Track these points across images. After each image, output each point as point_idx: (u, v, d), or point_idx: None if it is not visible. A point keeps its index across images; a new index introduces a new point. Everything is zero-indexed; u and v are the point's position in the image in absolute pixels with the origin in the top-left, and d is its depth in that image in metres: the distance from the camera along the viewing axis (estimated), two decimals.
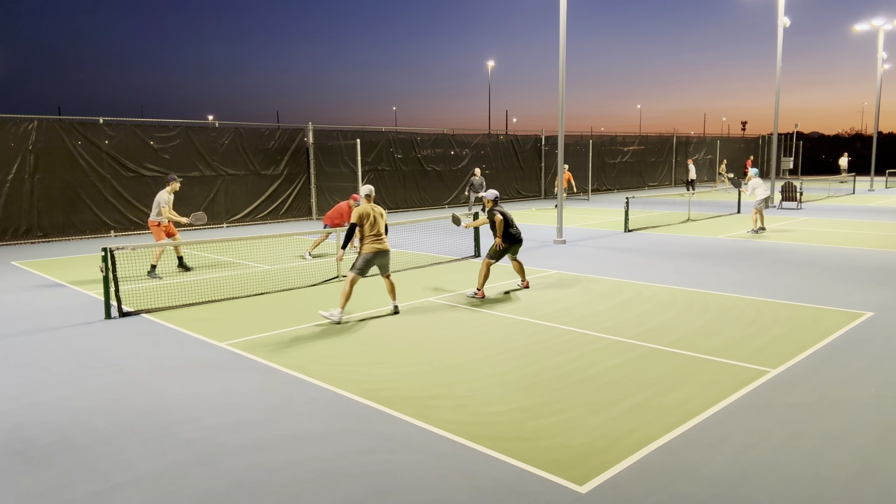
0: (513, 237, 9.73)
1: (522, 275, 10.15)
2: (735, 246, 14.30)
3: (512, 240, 9.73)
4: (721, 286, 10.01)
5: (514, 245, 9.81)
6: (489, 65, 59.00)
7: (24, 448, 4.82)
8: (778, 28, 24.15)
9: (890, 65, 43.50)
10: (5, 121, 16.04)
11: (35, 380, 6.28)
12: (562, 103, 15.34)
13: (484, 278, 9.56)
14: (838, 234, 16.11)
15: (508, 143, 28.63)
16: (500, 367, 6.42)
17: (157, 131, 18.54)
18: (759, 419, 5.12)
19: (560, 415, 5.24)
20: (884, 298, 9.10)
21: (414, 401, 5.58)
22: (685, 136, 39.33)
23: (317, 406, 5.51)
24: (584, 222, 19.67)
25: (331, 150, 22.02)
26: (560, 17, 14.92)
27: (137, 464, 4.55)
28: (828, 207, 23.40)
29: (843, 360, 6.52)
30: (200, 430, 5.08)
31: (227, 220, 19.86)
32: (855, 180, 32.41)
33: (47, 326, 8.25)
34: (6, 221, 16.03)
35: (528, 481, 4.21)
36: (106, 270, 8.52)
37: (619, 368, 6.32)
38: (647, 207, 24.08)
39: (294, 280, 11.01)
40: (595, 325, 7.90)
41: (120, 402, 5.68)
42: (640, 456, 4.52)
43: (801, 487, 4.10)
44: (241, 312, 8.82)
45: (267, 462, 4.54)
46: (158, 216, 11.51)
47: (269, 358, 6.81)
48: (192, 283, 10.85)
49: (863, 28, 30.83)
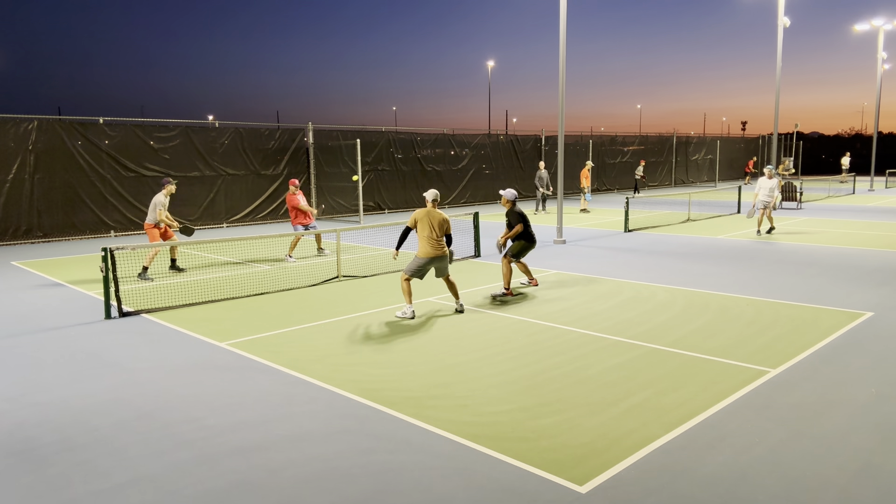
0: (531, 236, 9.78)
1: (529, 274, 10.13)
2: (735, 246, 14.30)
3: (531, 239, 9.76)
4: (721, 286, 10.01)
5: (532, 244, 9.82)
6: (489, 65, 59.05)
7: (24, 448, 4.82)
8: (778, 28, 24.15)
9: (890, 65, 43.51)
10: (5, 121, 16.04)
11: (35, 380, 6.28)
12: (562, 103, 15.34)
13: (509, 276, 9.52)
14: (838, 234, 16.11)
15: (508, 143, 28.62)
16: (500, 367, 6.42)
17: (157, 131, 18.54)
18: (759, 419, 5.12)
19: (560, 415, 5.24)
20: (884, 298, 9.10)
21: (414, 401, 5.57)
22: (685, 136, 39.32)
23: (317, 406, 5.51)
24: (584, 222, 19.67)
25: (331, 150, 22.02)
26: (560, 17, 14.92)
27: (137, 464, 4.55)
28: (828, 207, 23.40)
29: (843, 360, 6.52)
30: (200, 430, 5.08)
31: (227, 220, 19.85)
32: (855, 180, 32.41)
33: (47, 326, 8.25)
34: (6, 221, 16.03)
35: (528, 481, 4.21)
36: (106, 270, 8.52)
37: (619, 368, 6.32)
38: (647, 207, 24.07)
39: (294, 280, 11.01)
40: (595, 325, 7.90)
41: (120, 402, 5.68)
42: (640, 456, 4.52)
43: (801, 487, 4.10)
44: (241, 312, 8.82)
45: (267, 462, 4.54)
46: (155, 218, 11.50)
47: (269, 358, 6.81)
48: (192, 283, 10.85)
49: (863, 28, 30.83)
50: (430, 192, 8.71)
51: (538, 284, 10.16)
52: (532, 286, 10.09)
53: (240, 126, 20.31)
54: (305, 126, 21.82)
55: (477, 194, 26.75)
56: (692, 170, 39.35)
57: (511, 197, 9.79)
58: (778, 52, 24.31)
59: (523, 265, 10.04)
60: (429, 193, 8.70)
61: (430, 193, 8.69)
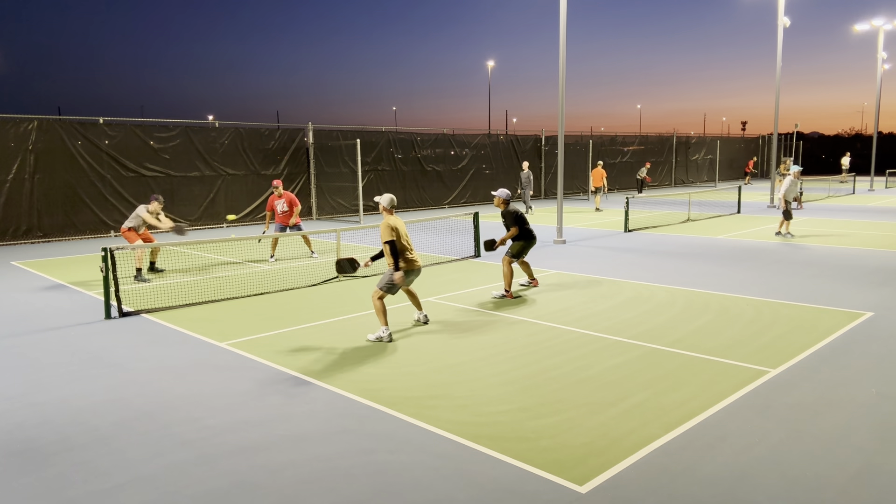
0: (530, 233, 9.67)
1: (530, 274, 10.12)
2: (735, 246, 14.30)
3: (530, 236, 9.67)
4: (721, 286, 10.01)
5: (532, 241, 9.73)
6: (489, 65, 59.07)
7: (24, 448, 4.82)
8: (778, 28, 24.15)
9: (890, 65, 43.48)
10: (5, 121, 16.04)
11: (35, 380, 6.28)
12: (562, 103, 15.34)
13: (510, 277, 9.42)
14: (838, 234, 16.11)
15: (508, 143, 28.62)
16: (500, 367, 6.42)
17: (157, 131, 18.54)
18: (759, 419, 5.12)
19: (560, 415, 5.24)
20: (884, 298, 9.10)
21: (413, 401, 5.57)
22: (685, 136, 39.32)
23: (317, 406, 5.51)
24: (584, 222, 19.67)
25: (331, 150, 22.02)
26: (560, 17, 14.92)
27: (137, 464, 4.55)
28: (828, 207, 23.40)
29: (843, 360, 6.52)
30: (200, 430, 5.08)
31: (227, 220, 19.85)
32: (855, 180, 32.41)
33: (47, 326, 8.25)
34: (6, 221, 16.03)
35: (528, 481, 4.21)
36: (106, 270, 8.52)
37: (619, 368, 6.32)
38: (647, 207, 24.08)
39: (294, 280, 11.01)
40: (595, 325, 7.90)
41: (120, 402, 5.68)
42: (640, 456, 4.52)
43: (802, 487, 4.10)
44: (241, 312, 8.82)
45: (267, 462, 4.54)
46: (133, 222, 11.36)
47: (269, 358, 6.81)
48: (192, 283, 10.85)
49: (863, 28, 30.82)
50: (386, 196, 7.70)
51: (538, 285, 10.17)
52: (532, 287, 10.08)
53: (240, 126, 20.31)
54: (305, 126, 21.83)
55: (477, 194, 26.74)
56: (692, 170, 39.35)
57: (505, 196, 9.62)
58: (778, 52, 24.31)
59: (525, 265, 10.02)
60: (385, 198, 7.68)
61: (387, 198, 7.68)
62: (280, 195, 13.23)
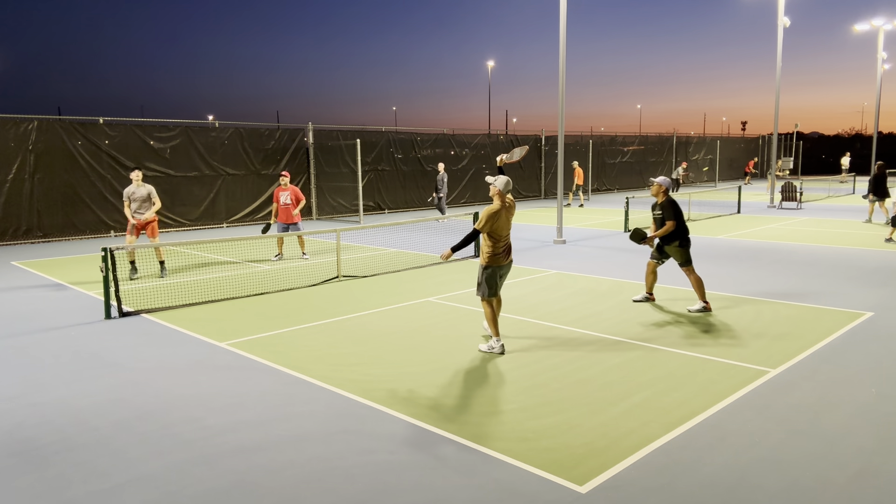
0: (687, 232, 8.64)
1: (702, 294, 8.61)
2: (735, 246, 14.30)
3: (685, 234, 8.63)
4: (721, 286, 10.00)
5: (688, 243, 8.67)
6: (489, 65, 59.06)
7: (24, 448, 4.82)
8: (778, 28, 24.15)
9: (890, 65, 43.51)
10: (5, 121, 16.04)
11: (35, 380, 6.28)
12: (562, 103, 15.34)
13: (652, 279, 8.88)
14: (839, 234, 16.11)
15: (508, 143, 28.61)
16: (501, 367, 6.42)
17: (157, 131, 18.54)
18: (759, 419, 5.12)
19: (560, 415, 5.24)
20: (884, 298, 9.09)
21: (414, 401, 5.57)
22: (685, 136, 39.33)
23: (317, 406, 5.51)
24: (584, 222, 19.67)
25: (331, 150, 22.02)
26: (560, 18, 14.92)
27: (137, 464, 4.55)
28: (828, 207, 23.39)
29: (843, 360, 6.52)
30: (200, 430, 5.08)
31: (227, 220, 19.85)
32: (855, 180, 32.41)
33: (47, 326, 8.25)
34: (6, 221, 16.02)
35: (528, 481, 4.21)
36: (106, 270, 8.52)
37: (619, 368, 6.32)
38: (648, 207, 24.04)
39: (294, 280, 11.00)
40: (595, 325, 7.90)
41: (120, 402, 5.68)
42: (640, 456, 4.52)
43: (802, 488, 4.10)
44: (241, 312, 8.82)
45: (267, 462, 4.54)
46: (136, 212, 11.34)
47: (269, 358, 6.81)
48: (192, 283, 10.85)
49: (863, 28, 30.83)
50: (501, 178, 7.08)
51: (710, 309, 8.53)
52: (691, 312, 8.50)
53: (240, 126, 20.31)
54: (305, 126, 21.83)
55: (477, 194, 26.73)
56: (692, 170, 39.33)
57: (666, 185, 8.76)
58: (778, 53, 24.31)
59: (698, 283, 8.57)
60: (501, 180, 7.06)
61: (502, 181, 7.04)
62: (286, 187, 13.16)
